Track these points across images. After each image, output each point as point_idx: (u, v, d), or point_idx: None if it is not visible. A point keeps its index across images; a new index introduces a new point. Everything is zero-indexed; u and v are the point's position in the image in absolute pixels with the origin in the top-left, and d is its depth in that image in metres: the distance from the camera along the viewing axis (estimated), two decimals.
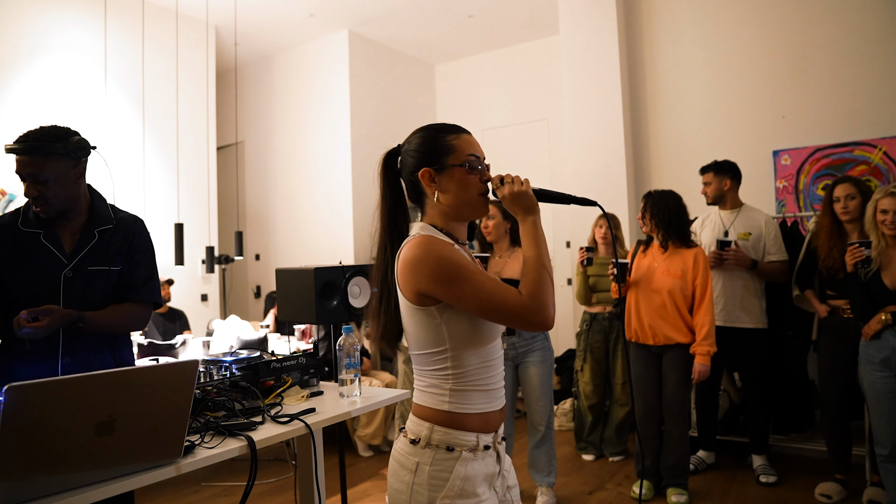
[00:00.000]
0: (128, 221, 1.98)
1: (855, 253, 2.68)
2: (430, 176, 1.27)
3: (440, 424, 1.22)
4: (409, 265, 1.20)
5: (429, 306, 1.21)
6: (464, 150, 1.27)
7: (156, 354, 3.43)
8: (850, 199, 2.95)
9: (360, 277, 2.41)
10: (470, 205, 1.28)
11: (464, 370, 1.23)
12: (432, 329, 1.22)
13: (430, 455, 1.21)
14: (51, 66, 4.52)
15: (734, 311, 3.32)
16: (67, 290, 1.81)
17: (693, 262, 2.98)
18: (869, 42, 4.01)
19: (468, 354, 1.23)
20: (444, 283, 1.17)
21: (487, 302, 1.16)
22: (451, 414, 1.22)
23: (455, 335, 1.21)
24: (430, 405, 1.25)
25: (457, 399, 1.23)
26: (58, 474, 1.23)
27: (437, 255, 1.18)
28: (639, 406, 3.18)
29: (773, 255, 3.32)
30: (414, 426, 1.26)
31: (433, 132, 1.31)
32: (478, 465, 1.23)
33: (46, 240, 1.82)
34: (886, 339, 2.59)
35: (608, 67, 4.71)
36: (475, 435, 1.23)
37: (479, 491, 1.22)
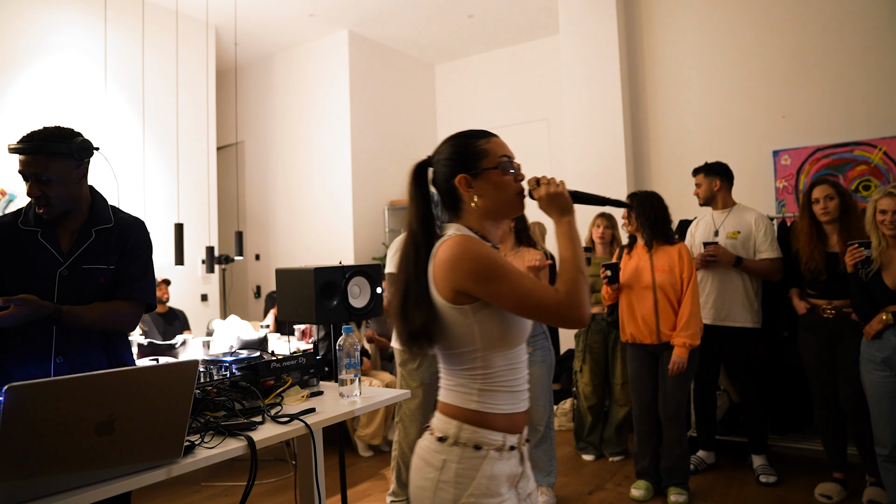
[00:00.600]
0: (127, 222, 1.98)
1: (854, 253, 2.68)
2: (466, 181, 1.29)
3: (468, 423, 1.23)
4: (446, 264, 1.22)
5: (464, 305, 1.22)
6: (496, 153, 1.30)
7: (156, 354, 3.43)
8: (829, 199, 2.97)
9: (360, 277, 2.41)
10: (507, 205, 1.30)
11: (492, 371, 1.24)
12: (465, 328, 1.23)
13: (458, 453, 1.22)
14: (51, 66, 4.53)
15: (723, 309, 3.33)
16: (62, 288, 1.81)
17: (678, 256, 3.03)
18: (869, 42, 4.01)
19: (497, 356, 1.24)
20: (482, 280, 1.19)
21: (526, 299, 1.18)
22: (479, 413, 1.24)
23: (486, 335, 1.23)
24: (458, 404, 1.26)
25: (485, 399, 1.24)
26: (58, 474, 1.23)
27: (475, 252, 1.20)
28: (635, 406, 3.18)
29: (764, 252, 3.32)
30: (441, 424, 1.27)
31: (464, 139, 1.34)
32: (503, 464, 1.24)
33: (44, 238, 1.83)
34: (887, 339, 2.59)
35: (608, 67, 4.71)
36: (502, 435, 1.24)
37: (501, 490, 1.23)
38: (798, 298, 3.15)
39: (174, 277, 4.93)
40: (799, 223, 3.13)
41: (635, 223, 3.11)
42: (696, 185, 3.51)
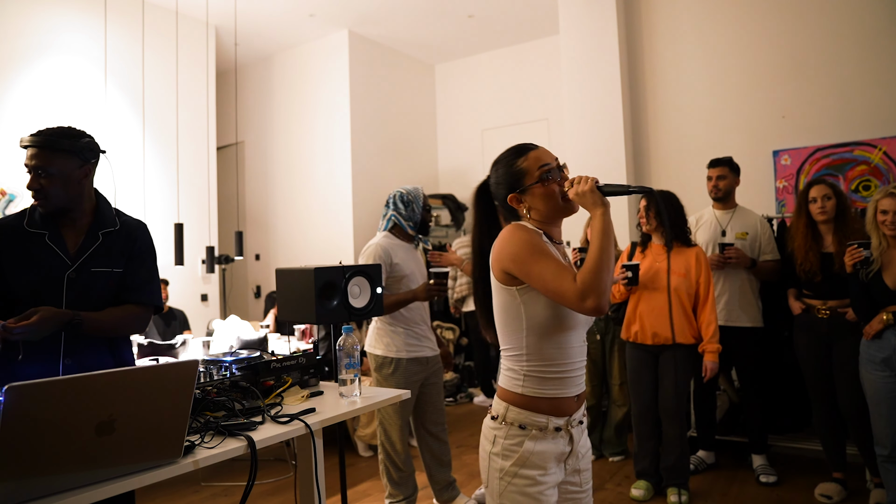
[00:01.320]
0: (132, 225, 2.01)
1: (854, 254, 2.68)
2: (517, 199, 1.47)
3: (514, 405, 1.41)
4: (497, 247, 1.42)
5: (511, 286, 1.39)
6: (534, 168, 1.45)
7: (156, 354, 3.43)
8: (827, 199, 2.97)
9: (360, 277, 2.41)
10: (557, 209, 1.46)
11: (538, 355, 1.39)
12: (513, 309, 1.40)
13: (506, 430, 1.40)
14: (51, 66, 4.53)
15: (733, 310, 3.33)
16: (70, 290, 1.82)
17: (695, 260, 3.01)
18: (869, 42, 4.01)
19: (543, 340, 1.39)
20: (519, 261, 1.36)
21: (549, 283, 1.32)
22: (525, 397, 1.40)
23: (532, 318, 1.38)
24: (508, 388, 1.43)
25: (530, 384, 1.40)
26: (58, 474, 1.23)
27: (518, 236, 1.38)
28: (635, 406, 3.18)
29: (768, 254, 3.35)
30: (496, 405, 1.45)
31: (505, 161, 1.50)
32: (547, 443, 1.39)
33: (51, 241, 1.84)
34: (887, 339, 2.59)
35: (608, 67, 4.71)
36: (546, 417, 1.39)
37: (547, 465, 1.39)
38: (794, 299, 3.15)
39: (174, 277, 4.94)
40: (794, 223, 3.12)
41: (654, 222, 3.07)
42: (717, 178, 3.43)
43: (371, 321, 2.95)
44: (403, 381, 2.75)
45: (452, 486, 2.98)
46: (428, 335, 2.89)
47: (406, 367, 2.77)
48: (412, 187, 2.88)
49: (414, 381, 2.79)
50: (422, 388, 2.87)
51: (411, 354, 2.79)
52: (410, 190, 2.86)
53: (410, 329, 2.81)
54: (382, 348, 2.82)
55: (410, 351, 2.79)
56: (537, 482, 1.37)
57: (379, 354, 2.82)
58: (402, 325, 2.80)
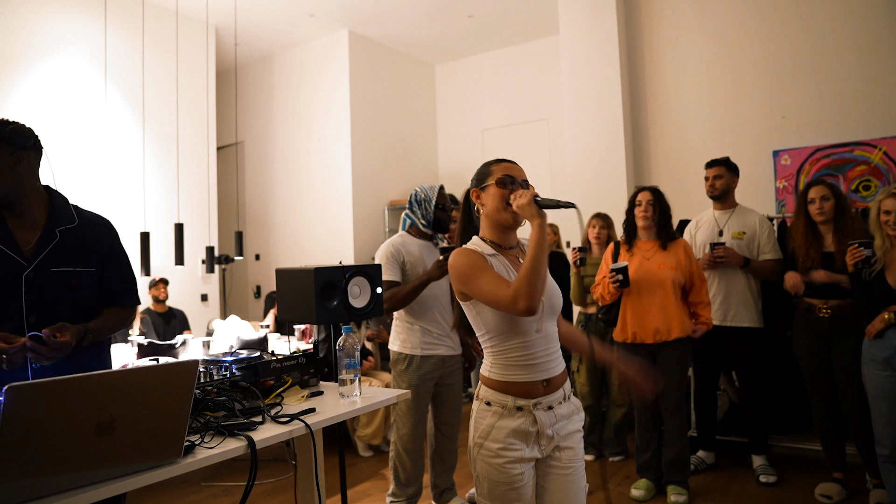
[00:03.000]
0: (96, 222, 1.93)
1: (854, 253, 2.69)
2: (476, 195, 1.67)
3: (485, 386, 1.62)
4: (450, 271, 1.61)
5: (467, 301, 1.60)
6: (499, 173, 1.63)
7: (156, 354, 3.43)
8: (825, 200, 2.98)
9: (360, 277, 2.41)
10: (499, 213, 1.62)
11: (502, 348, 1.58)
12: (474, 318, 1.61)
13: (477, 406, 1.62)
14: (51, 66, 4.53)
15: (731, 310, 3.33)
16: (29, 292, 1.73)
17: (684, 252, 3.06)
18: (869, 42, 4.01)
19: (503, 339, 1.57)
20: (461, 281, 1.56)
21: (487, 294, 1.51)
22: (493, 380, 1.60)
23: (488, 323, 1.57)
24: (483, 372, 1.64)
25: (496, 370, 1.59)
26: (58, 474, 1.23)
27: (459, 260, 1.57)
28: (639, 407, 3.18)
29: (768, 253, 3.34)
30: (480, 388, 1.64)
31: (486, 163, 1.70)
32: (507, 420, 1.56)
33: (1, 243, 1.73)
34: (889, 339, 2.58)
35: (608, 67, 4.71)
36: (512, 398, 1.56)
37: (507, 441, 1.54)
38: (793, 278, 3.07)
39: (174, 277, 4.94)
40: (794, 223, 3.13)
41: (651, 218, 3.08)
42: (713, 178, 3.43)
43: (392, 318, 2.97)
44: (417, 378, 2.76)
45: (450, 489, 2.99)
46: (448, 334, 2.86)
47: (420, 364, 2.77)
48: (429, 186, 2.90)
49: (428, 379, 2.79)
50: (438, 387, 2.86)
51: (426, 352, 2.79)
52: (426, 188, 2.87)
53: (427, 327, 2.81)
54: (399, 344, 2.84)
55: (425, 349, 2.79)
56: (498, 455, 1.54)
57: (395, 350, 2.85)
58: (420, 322, 2.80)
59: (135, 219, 4.73)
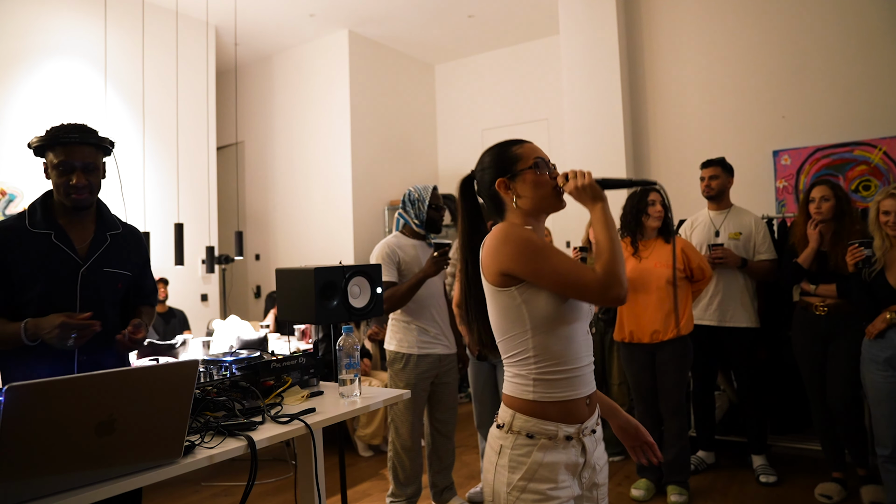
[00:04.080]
0: (134, 231, 2.10)
1: (855, 253, 2.69)
2: (504, 184, 1.39)
3: (522, 413, 1.31)
4: (491, 249, 1.32)
5: (510, 287, 1.30)
6: (529, 155, 1.39)
7: (156, 354, 3.43)
8: (825, 200, 2.99)
9: (360, 277, 2.41)
10: (545, 200, 1.39)
11: (546, 354, 1.30)
12: (514, 311, 1.31)
13: (513, 440, 1.30)
14: (51, 67, 4.53)
15: (728, 310, 3.34)
16: (84, 289, 1.85)
17: (681, 250, 3.06)
18: (869, 42, 4.01)
19: (550, 338, 1.30)
20: (525, 260, 1.27)
21: (566, 276, 1.26)
22: (534, 403, 1.31)
23: (535, 316, 1.30)
24: (515, 394, 1.34)
25: (540, 388, 1.31)
26: (58, 474, 1.23)
27: (516, 235, 1.30)
28: (639, 407, 3.18)
29: (763, 254, 3.35)
30: (502, 412, 1.36)
31: (500, 147, 1.44)
32: (558, 453, 1.30)
33: (58, 240, 1.84)
34: (891, 339, 2.58)
35: (608, 67, 4.71)
36: (556, 425, 1.30)
37: (558, 478, 1.29)
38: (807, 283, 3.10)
39: (174, 277, 4.93)
40: (797, 220, 3.17)
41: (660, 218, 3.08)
42: (709, 178, 3.44)
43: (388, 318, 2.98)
44: (414, 377, 2.77)
45: (450, 488, 2.99)
46: (444, 332, 2.89)
47: (416, 363, 2.79)
48: (422, 186, 2.91)
49: (424, 378, 2.80)
50: (434, 385, 2.88)
51: (422, 351, 2.80)
52: (419, 188, 2.89)
53: (423, 326, 2.82)
54: (395, 344, 2.85)
55: (422, 348, 2.81)
56: (548, 497, 1.27)
57: (392, 350, 2.86)
58: (416, 321, 2.81)
59: (135, 219, 4.71)
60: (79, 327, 1.69)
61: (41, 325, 1.70)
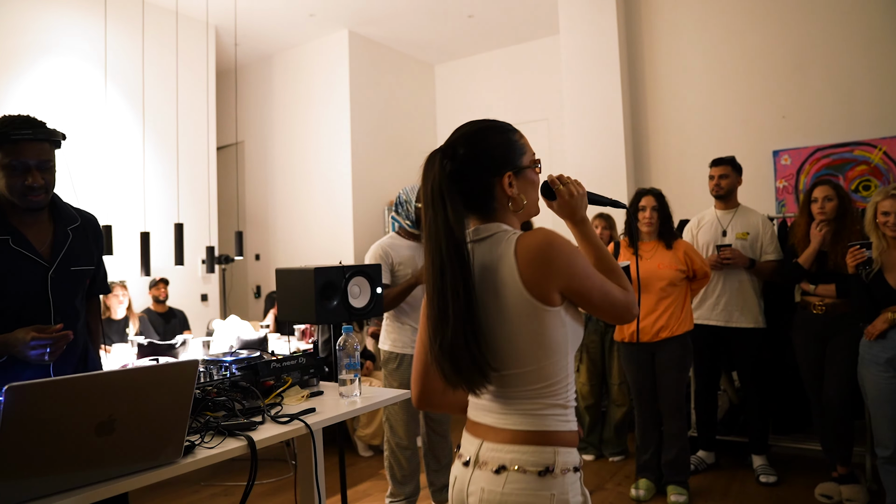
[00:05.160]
0: (90, 220, 1.96)
1: (856, 254, 2.69)
2: (510, 180, 1.15)
3: (564, 445, 1.10)
4: (543, 254, 1.07)
5: (557, 307, 1.08)
6: (530, 149, 1.21)
7: (156, 354, 3.43)
8: (828, 200, 2.99)
9: (360, 277, 2.41)
10: (536, 205, 1.22)
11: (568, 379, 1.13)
12: (558, 333, 1.09)
13: (565, 482, 1.07)
14: (51, 66, 4.52)
15: (733, 310, 3.33)
16: (54, 294, 1.76)
17: (683, 253, 3.06)
18: (869, 42, 4.01)
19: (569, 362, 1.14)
20: (578, 275, 1.08)
21: (608, 296, 1.11)
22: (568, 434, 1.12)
23: (572, 338, 1.12)
24: (552, 428, 1.10)
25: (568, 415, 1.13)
26: (58, 474, 1.22)
27: (569, 245, 1.08)
28: (637, 403, 3.18)
29: (770, 254, 3.34)
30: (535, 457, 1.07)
31: (500, 132, 1.19)
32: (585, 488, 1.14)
33: (17, 245, 1.71)
34: (892, 339, 2.57)
35: (608, 67, 4.71)
36: (576, 452, 1.13)
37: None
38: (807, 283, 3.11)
39: (174, 277, 4.93)
40: (798, 220, 3.17)
41: (656, 222, 3.08)
42: (719, 177, 3.42)
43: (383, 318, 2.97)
44: (408, 377, 2.77)
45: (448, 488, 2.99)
46: None
47: (410, 363, 2.79)
48: (409, 187, 2.91)
49: None
50: None
51: None
52: (407, 190, 2.89)
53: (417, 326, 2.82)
54: (389, 344, 2.86)
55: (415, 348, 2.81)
56: None
57: (386, 350, 2.87)
58: (410, 321, 2.82)
59: (135, 219, 4.73)
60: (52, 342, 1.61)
61: (9, 342, 1.61)
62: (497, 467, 1.08)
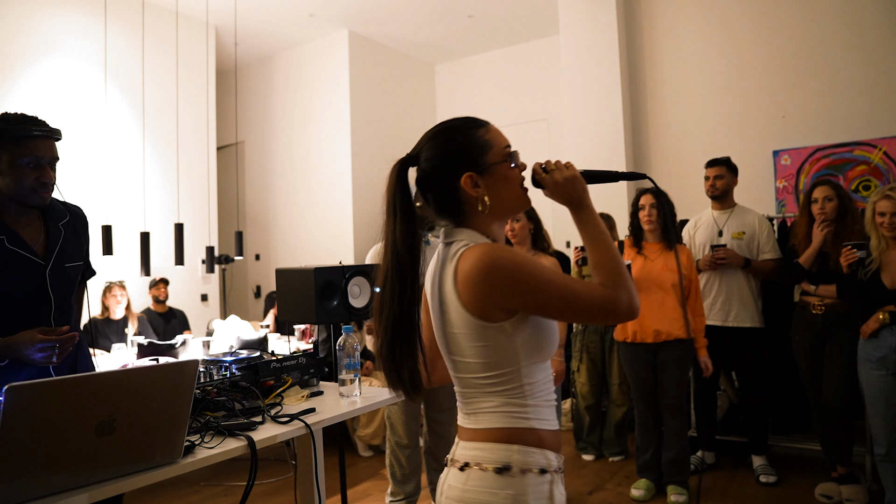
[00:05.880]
0: (79, 213, 1.95)
1: (847, 255, 2.71)
2: (473, 181, 1.11)
3: (528, 444, 1.07)
4: (478, 277, 1.03)
5: (501, 322, 1.05)
6: (499, 143, 1.13)
7: (156, 354, 3.43)
8: (828, 200, 2.99)
9: (360, 277, 2.41)
10: (515, 200, 1.15)
11: (535, 383, 1.09)
12: (503, 347, 1.06)
13: (527, 482, 1.04)
14: (51, 66, 4.53)
15: (732, 310, 3.34)
16: (54, 290, 1.77)
17: (686, 258, 3.07)
18: (869, 42, 4.01)
19: (537, 368, 1.10)
20: (525, 290, 1.03)
21: (577, 302, 1.04)
22: (536, 431, 1.08)
23: (527, 350, 1.08)
24: (511, 425, 1.07)
25: (537, 415, 1.09)
26: (58, 474, 1.23)
27: (510, 261, 1.03)
28: (639, 407, 3.18)
29: (767, 253, 3.35)
30: (493, 454, 1.06)
31: (461, 130, 1.15)
32: (562, 488, 1.10)
33: (13, 244, 1.71)
34: (884, 339, 2.60)
35: (608, 67, 4.71)
36: (555, 455, 1.10)
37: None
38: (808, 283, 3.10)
39: (174, 277, 4.93)
40: (798, 220, 3.17)
41: (655, 221, 3.08)
42: (714, 178, 3.42)
43: None
44: None
45: None
46: None
47: None
48: None
49: None
50: None
51: None
52: None
53: None
54: None
55: None
56: None
57: None
58: None
59: (135, 219, 4.73)
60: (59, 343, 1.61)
61: (14, 344, 1.60)
62: (462, 465, 1.09)
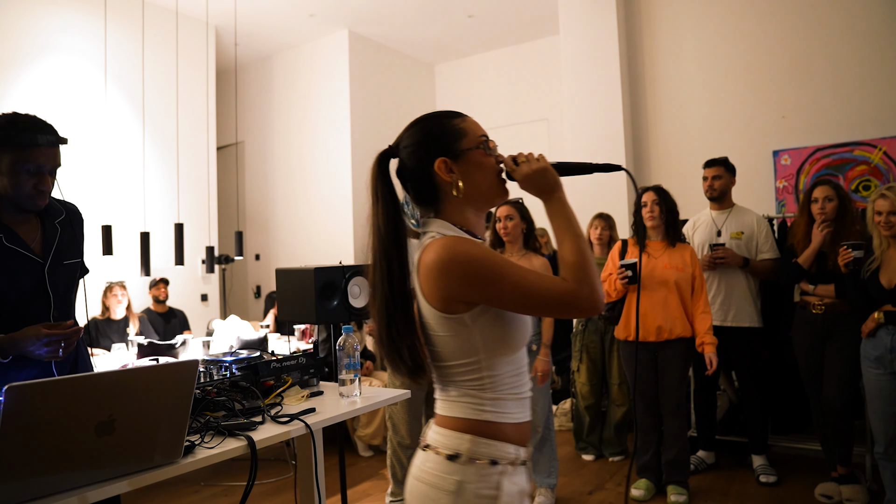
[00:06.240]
0: (74, 211, 1.94)
1: (844, 255, 2.73)
2: (446, 166, 1.14)
3: (481, 435, 1.10)
4: (436, 270, 1.07)
5: (460, 314, 1.08)
6: (474, 131, 1.17)
7: (156, 354, 3.43)
8: (828, 200, 2.99)
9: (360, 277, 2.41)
10: (490, 188, 1.17)
11: (499, 376, 1.11)
12: (464, 338, 1.10)
13: (474, 472, 1.08)
14: (51, 66, 4.53)
15: (731, 310, 3.34)
16: (53, 288, 1.77)
17: (690, 256, 3.07)
18: (869, 42, 4.01)
19: (501, 361, 1.12)
20: (482, 283, 1.05)
21: (534, 295, 1.05)
22: (492, 424, 1.11)
23: (488, 342, 1.10)
24: (467, 415, 1.11)
25: (495, 408, 1.11)
26: (58, 474, 1.22)
27: (467, 254, 1.06)
28: (639, 405, 3.18)
29: (766, 253, 3.35)
30: (448, 440, 1.11)
31: (436, 120, 1.19)
32: (518, 479, 1.13)
33: (11, 243, 1.70)
34: (881, 338, 2.62)
35: (608, 67, 4.71)
36: (514, 447, 1.13)
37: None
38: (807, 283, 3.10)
39: (174, 277, 4.93)
40: (797, 220, 3.17)
41: (658, 218, 3.08)
42: (712, 178, 3.42)
43: None
44: None
45: None
46: None
47: None
48: None
49: None
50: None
51: None
52: None
53: None
54: None
55: None
56: None
57: None
58: None
59: (135, 219, 4.73)
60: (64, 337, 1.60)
61: (19, 340, 1.59)
62: (424, 445, 1.16)
